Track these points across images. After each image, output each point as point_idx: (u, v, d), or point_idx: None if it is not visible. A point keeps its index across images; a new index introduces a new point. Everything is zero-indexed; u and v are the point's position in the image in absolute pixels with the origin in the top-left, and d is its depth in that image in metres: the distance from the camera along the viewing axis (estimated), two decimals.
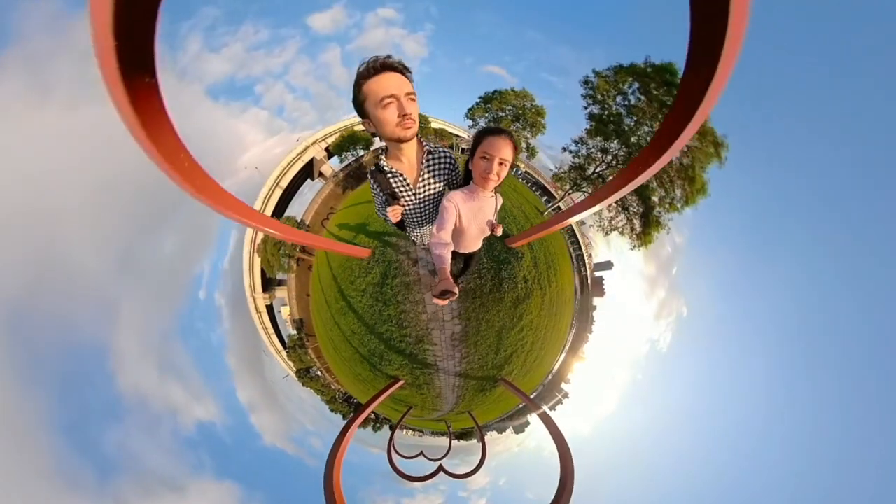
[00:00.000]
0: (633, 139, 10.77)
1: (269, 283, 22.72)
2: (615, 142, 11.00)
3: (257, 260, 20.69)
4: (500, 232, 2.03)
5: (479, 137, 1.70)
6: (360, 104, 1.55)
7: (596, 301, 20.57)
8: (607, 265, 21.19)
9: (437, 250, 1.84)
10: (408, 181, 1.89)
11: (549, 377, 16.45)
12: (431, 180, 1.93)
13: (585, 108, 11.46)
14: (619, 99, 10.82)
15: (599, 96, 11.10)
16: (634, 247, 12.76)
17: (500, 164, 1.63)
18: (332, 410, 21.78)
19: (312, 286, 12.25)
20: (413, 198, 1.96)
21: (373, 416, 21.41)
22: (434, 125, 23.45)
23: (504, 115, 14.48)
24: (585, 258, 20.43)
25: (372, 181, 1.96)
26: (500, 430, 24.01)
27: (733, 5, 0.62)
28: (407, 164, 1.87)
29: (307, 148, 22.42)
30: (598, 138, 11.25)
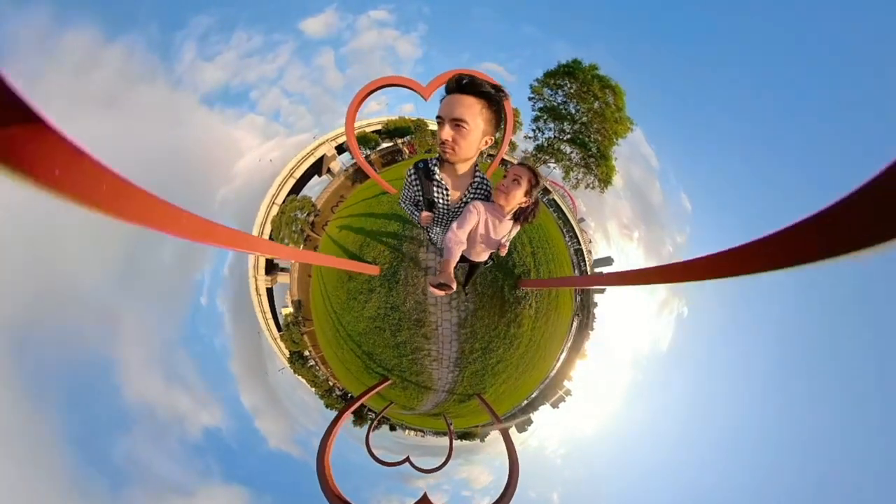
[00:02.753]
0: (577, 117, 15.59)
1: (272, 268, 23.62)
2: (564, 123, 16.09)
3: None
4: (504, 252, 2.24)
5: (513, 165, 1.95)
6: None
7: (596, 298, 20.54)
8: (607, 261, 21.15)
9: (450, 244, 1.95)
10: (449, 197, 1.99)
11: (553, 374, 16.36)
12: (469, 203, 2.11)
13: (532, 106, 16.32)
14: (559, 92, 15.60)
15: (539, 96, 15.94)
16: (602, 191, 16.97)
17: (514, 180, 1.85)
18: (326, 406, 21.62)
19: (315, 267, 12.19)
20: (446, 212, 2.09)
21: (373, 415, 21.28)
22: (432, 127, 23.73)
23: None
24: (585, 254, 20.40)
25: (415, 177, 1.99)
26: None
27: None
28: (453, 181, 1.96)
29: (321, 144, 24.16)
30: (551, 123, 16.09)
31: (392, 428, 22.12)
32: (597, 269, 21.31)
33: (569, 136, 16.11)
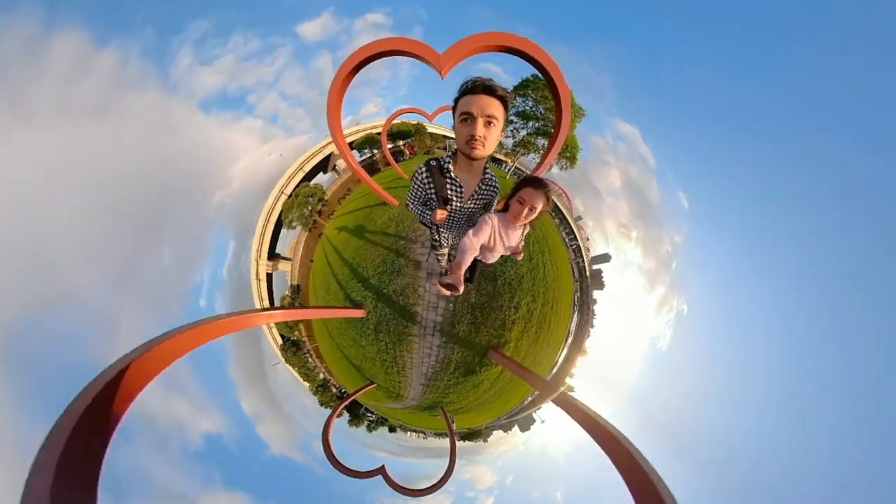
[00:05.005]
0: (542, 115, 19.89)
1: (274, 255, 24.66)
2: (531, 122, 20.39)
3: (270, 228, 23.63)
4: (521, 257, 2.34)
5: (522, 185, 2.00)
6: (453, 112, 1.73)
7: (596, 295, 20.47)
8: (605, 257, 21.11)
9: (464, 248, 2.07)
10: (463, 193, 2.06)
11: (554, 371, 16.27)
12: (480, 200, 2.17)
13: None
14: (528, 99, 19.79)
15: (512, 104, 20.35)
16: (572, 167, 20.47)
17: (530, 209, 1.97)
18: (321, 403, 21.41)
19: (318, 253, 12.19)
20: (459, 209, 2.16)
21: (372, 415, 21.06)
22: (431, 130, 24.48)
23: None
24: (583, 250, 20.38)
25: (427, 175, 2.04)
26: (506, 429, 23.78)
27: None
28: (467, 177, 2.03)
29: (329, 143, 25.73)
30: (523, 123, 20.25)
31: (392, 429, 21.88)
32: (595, 266, 21.28)
33: (540, 130, 20.29)
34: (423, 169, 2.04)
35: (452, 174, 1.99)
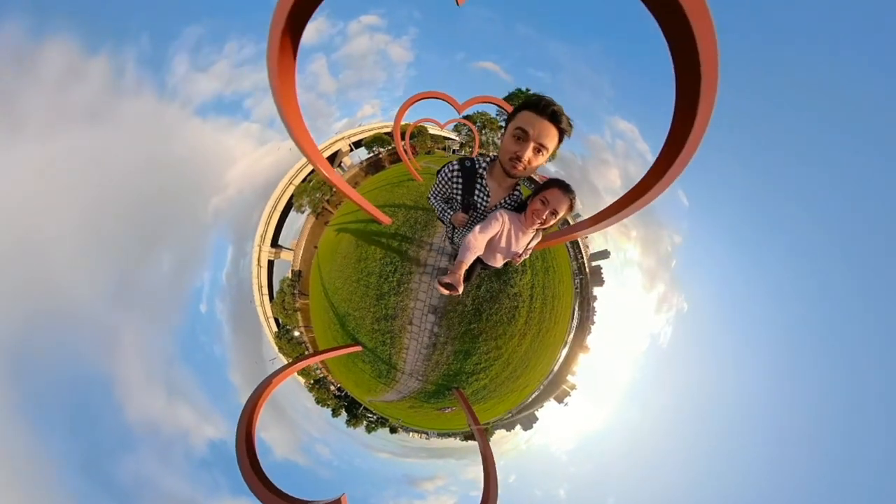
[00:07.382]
0: None
1: (278, 244, 25.29)
2: None
3: (276, 215, 24.56)
4: (519, 262, 2.25)
5: (548, 185, 1.84)
6: (510, 117, 1.66)
7: (596, 291, 20.49)
8: (604, 254, 21.15)
9: (468, 245, 1.91)
10: (489, 202, 1.99)
11: (556, 368, 16.26)
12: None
13: (500, 120, 22.95)
14: None
15: (505, 112, 23.19)
16: (552, 159, 22.65)
17: (552, 213, 1.82)
18: (317, 402, 21.04)
19: (323, 240, 12.17)
20: (481, 217, 2.07)
21: (372, 416, 20.93)
22: (431, 131, 24.97)
23: (477, 126, 22.03)
24: (582, 247, 20.38)
25: (458, 173, 1.95)
26: (509, 428, 23.76)
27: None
28: (497, 188, 1.97)
29: (339, 140, 27.23)
30: None
31: (393, 430, 21.69)
32: (594, 263, 21.31)
33: None
34: (456, 166, 1.95)
35: (484, 181, 1.92)
